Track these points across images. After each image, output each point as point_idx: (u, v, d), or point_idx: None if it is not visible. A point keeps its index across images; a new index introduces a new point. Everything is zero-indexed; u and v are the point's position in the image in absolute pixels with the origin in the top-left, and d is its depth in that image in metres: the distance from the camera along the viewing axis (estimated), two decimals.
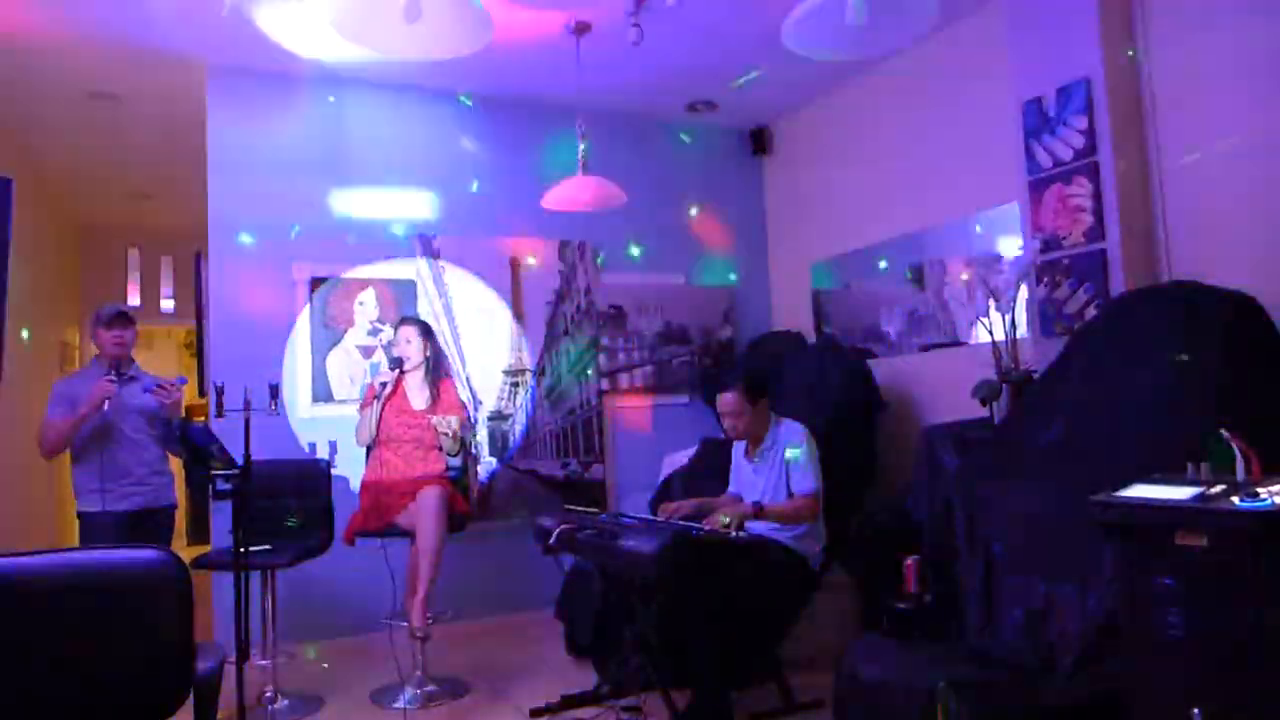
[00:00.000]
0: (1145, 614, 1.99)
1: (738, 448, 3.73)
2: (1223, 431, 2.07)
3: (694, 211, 5.53)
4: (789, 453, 3.47)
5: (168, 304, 7.59)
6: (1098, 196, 3.40)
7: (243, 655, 2.95)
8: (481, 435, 4.81)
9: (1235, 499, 1.88)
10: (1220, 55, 3.17)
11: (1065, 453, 2.76)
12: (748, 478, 3.63)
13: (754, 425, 3.51)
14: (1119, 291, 3.28)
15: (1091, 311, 3.36)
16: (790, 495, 3.45)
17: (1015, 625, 2.59)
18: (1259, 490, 1.89)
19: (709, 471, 4.24)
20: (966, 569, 2.85)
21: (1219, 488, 1.97)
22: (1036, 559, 2.64)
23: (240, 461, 3.05)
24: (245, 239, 4.43)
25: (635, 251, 5.33)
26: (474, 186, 4.95)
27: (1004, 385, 3.45)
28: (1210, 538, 1.87)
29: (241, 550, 2.97)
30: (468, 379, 4.80)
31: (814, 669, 3.51)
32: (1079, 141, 3.46)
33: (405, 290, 4.72)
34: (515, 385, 4.95)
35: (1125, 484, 2.12)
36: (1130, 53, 3.42)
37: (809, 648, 3.74)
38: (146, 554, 1.78)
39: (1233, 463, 2.04)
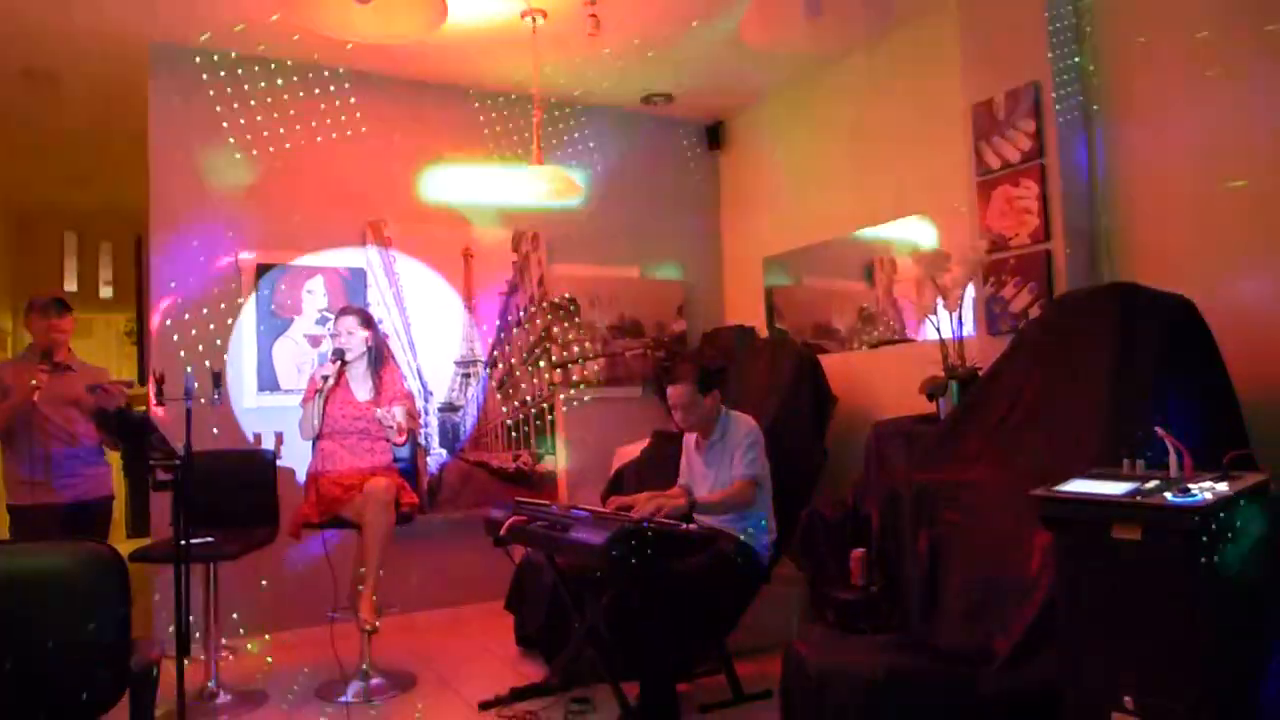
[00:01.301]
0: (1081, 604, 2.05)
1: (689, 440, 3.75)
2: (1157, 429, 2.14)
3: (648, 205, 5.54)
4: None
5: (107, 290, 7.38)
6: (1044, 198, 3.47)
7: (183, 650, 2.89)
8: (432, 426, 4.76)
9: (1168, 494, 1.94)
10: (1164, 65, 3.26)
11: (1007, 449, 2.83)
12: (698, 470, 3.65)
13: (704, 418, 3.53)
14: (1062, 292, 3.36)
15: (1036, 311, 3.44)
16: None
17: (956, 616, 2.65)
18: (1190, 486, 1.95)
19: (661, 464, 4.25)
20: (910, 561, 2.90)
21: (1153, 483, 2.03)
22: (978, 551, 2.69)
23: (181, 452, 2.98)
24: (188, 224, 4.31)
25: (588, 243, 5.31)
26: (429, 174, 4.89)
27: (950, 382, 3.51)
28: (1144, 532, 1.93)
29: (182, 542, 2.90)
30: (418, 370, 4.75)
31: (763, 660, 3.54)
32: (1027, 144, 3.53)
33: (355, 278, 4.65)
34: (466, 376, 4.91)
35: (1064, 479, 2.17)
36: (1078, 59, 3.50)
37: (758, 639, 3.78)
38: (80, 547, 1.73)
39: (1165, 459, 2.10)
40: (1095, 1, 3.48)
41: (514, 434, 5.02)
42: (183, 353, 4.19)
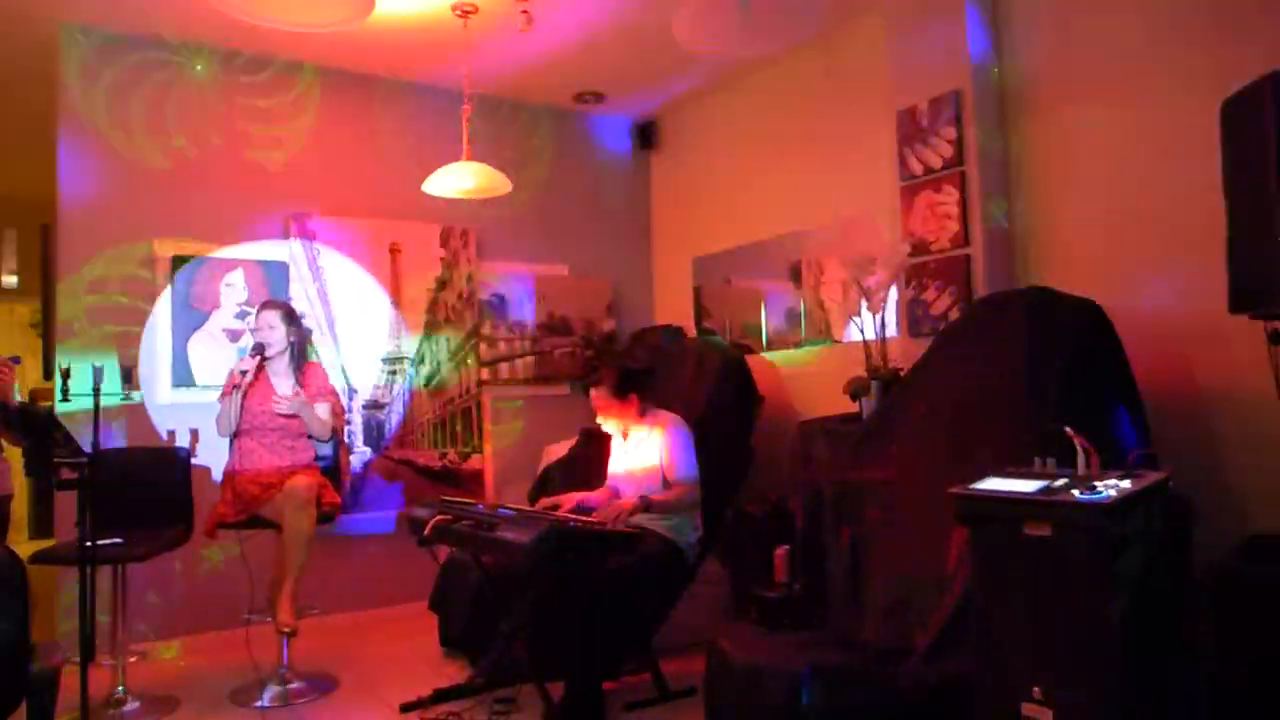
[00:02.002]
0: (994, 599, 2.11)
1: (616, 439, 3.75)
2: (1066, 429, 2.22)
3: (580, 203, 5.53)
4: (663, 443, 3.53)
5: (11, 279, 7.02)
6: (964, 204, 3.57)
7: (87, 655, 2.77)
8: (356, 424, 4.67)
9: (1076, 492, 2.01)
10: (1077, 77, 3.39)
11: (926, 448, 2.90)
12: (623, 468, 3.67)
13: (624, 418, 3.56)
14: (980, 295, 3.47)
15: (955, 313, 3.54)
16: (666, 484, 3.50)
17: (877, 612, 2.71)
18: (1096, 484, 2.03)
19: (588, 462, 4.25)
20: (833, 557, 2.95)
21: (1062, 481, 2.10)
22: (898, 548, 2.76)
23: (88, 449, 2.86)
24: (99, 212, 4.14)
25: (518, 240, 5.28)
26: (355, 167, 4.79)
27: (873, 382, 3.58)
28: (1053, 528, 2.00)
29: (88, 544, 2.79)
30: (343, 366, 4.65)
31: (689, 658, 3.57)
32: (948, 151, 3.63)
33: (277, 272, 4.52)
34: (393, 373, 4.82)
35: (980, 477, 2.24)
36: (997, 69, 3.61)
37: (684, 637, 3.80)
38: None
39: (1075, 458, 2.18)
40: (1013, 14, 3.59)
41: (441, 432, 4.95)
42: (92, 346, 4.02)
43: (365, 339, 4.74)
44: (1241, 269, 2.39)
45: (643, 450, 3.58)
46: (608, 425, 3.64)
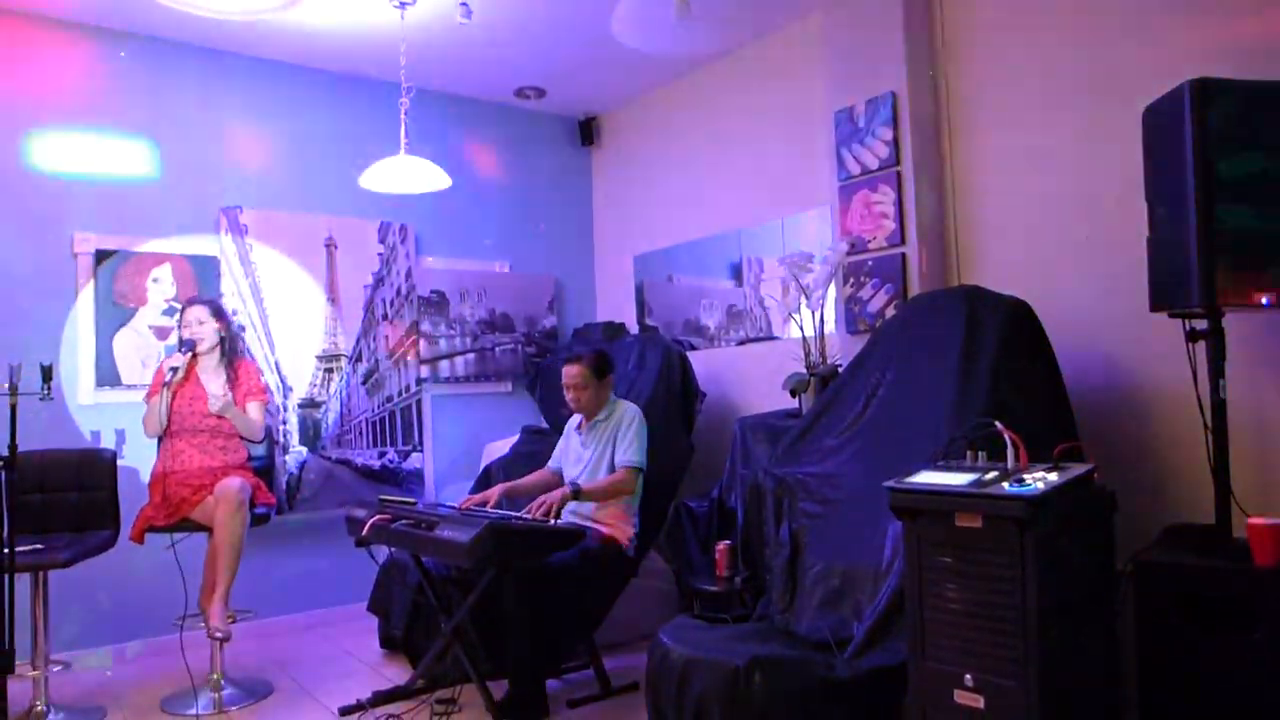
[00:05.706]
0: (928, 588, 2.16)
1: (571, 421, 3.76)
2: (996, 423, 2.28)
3: (522, 201, 5.50)
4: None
5: None
6: (900, 204, 3.64)
7: (5, 666, 2.67)
8: (291, 423, 4.57)
9: (1005, 484, 2.07)
10: (1009, 81, 3.47)
11: (863, 441, 2.95)
12: (575, 451, 3.67)
13: (595, 400, 3.57)
14: (915, 293, 3.54)
15: (891, 310, 3.60)
16: (612, 470, 3.52)
17: (815, 604, 2.75)
18: (1025, 476, 2.10)
19: (530, 460, 4.23)
20: (772, 551, 2.99)
21: (992, 474, 2.16)
22: (835, 541, 2.80)
23: (4, 450, 2.75)
24: (14, 204, 3.97)
25: (458, 236, 5.22)
26: (289, 160, 4.68)
27: (812, 378, 3.63)
28: (984, 520, 2.05)
29: (4, 550, 2.68)
30: (276, 364, 4.54)
31: (632, 653, 3.58)
32: (884, 151, 3.69)
33: (207, 267, 4.39)
34: (329, 371, 4.73)
35: (914, 470, 2.29)
36: (931, 72, 3.68)
37: (626, 632, 3.81)
38: None
39: (1004, 451, 2.24)
40: (948, 17, 3.67)
41: (379, 431, 4.87)
42: (7, 344, 3.86)
43: (300, 336, 4.64)
44: (1160, 268, 2.49)
45: (598, 435, 3.59)
46: (575, 406, 3.62)
